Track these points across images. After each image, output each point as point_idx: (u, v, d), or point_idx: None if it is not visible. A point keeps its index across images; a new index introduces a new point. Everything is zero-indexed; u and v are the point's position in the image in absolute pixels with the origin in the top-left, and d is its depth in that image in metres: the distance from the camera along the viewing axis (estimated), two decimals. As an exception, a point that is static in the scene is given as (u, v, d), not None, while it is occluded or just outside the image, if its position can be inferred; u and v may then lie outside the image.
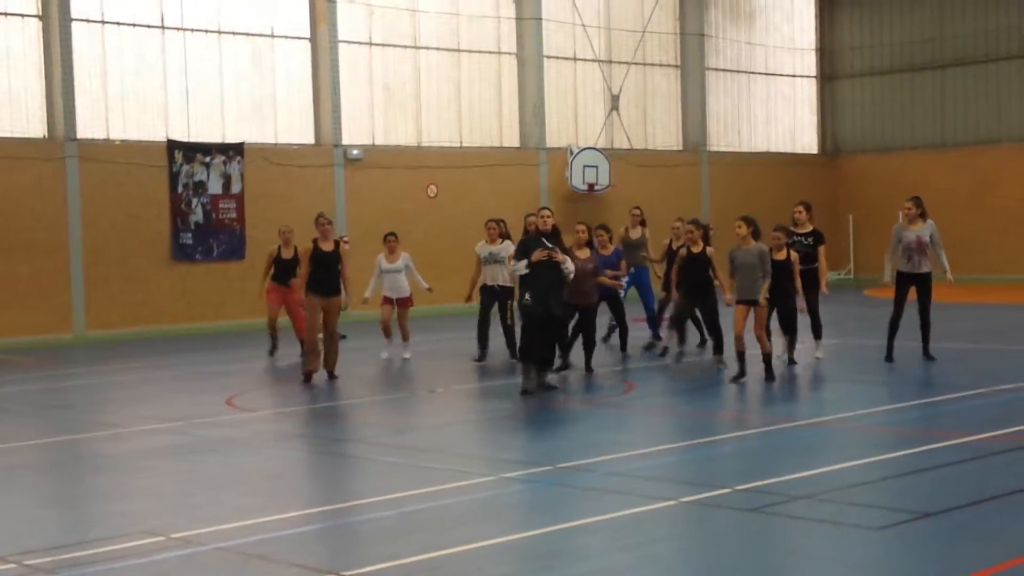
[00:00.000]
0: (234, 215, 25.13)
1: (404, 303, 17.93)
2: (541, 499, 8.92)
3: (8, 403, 14.78)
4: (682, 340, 16.65)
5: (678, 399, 13.67)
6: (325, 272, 15.54)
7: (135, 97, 24.84)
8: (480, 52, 29.94)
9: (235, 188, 25.37)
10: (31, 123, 23.63)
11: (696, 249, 15.69)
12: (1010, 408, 12.25)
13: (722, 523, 8.05)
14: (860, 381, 14.24)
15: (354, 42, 27.75)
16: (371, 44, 28.14)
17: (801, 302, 15.38)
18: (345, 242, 17.21)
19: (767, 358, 14.33)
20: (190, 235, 24.70)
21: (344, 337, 17.47)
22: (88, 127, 24.10)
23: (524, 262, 13.73)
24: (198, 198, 24.94)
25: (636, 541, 7.63)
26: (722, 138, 35.05)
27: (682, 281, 15.82)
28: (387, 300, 17.83)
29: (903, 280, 15.66)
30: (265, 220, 24.94)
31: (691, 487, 8.95)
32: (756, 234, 14.41)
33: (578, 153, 30.46)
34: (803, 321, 15.51)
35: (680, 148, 33.95)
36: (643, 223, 19.21)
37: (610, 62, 32.57)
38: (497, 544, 7.61)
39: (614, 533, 7.87)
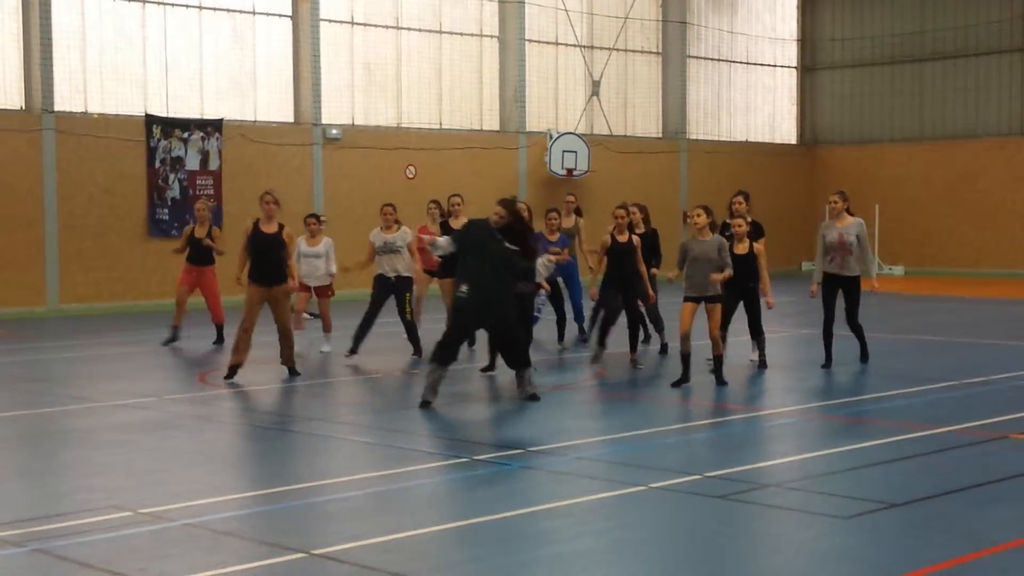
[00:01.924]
0: (211, 192, 25.02)
1: (323, 292, 16.57)
2: (510, 482, 8.93)
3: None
4: (603, 344, 14.93)
5: (649, 386, 13.69)
6: (264, 258, 13.82)
7: (114, 70, 24.70)
8: (462, 34, 29.88)
9: (213, 164, 25.27)
10: (8, 95, 23.47)
11: (622, 237, 14.39)
12: (980, 401, 12.33)
13: (691, 509, 8.08)
14: (831, 372, 14.29)
15: (335, 21, 27.66)
16: (353, 23, 28.04)
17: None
18: (322, 221, 17.08)
19: (718, 360, 13.28)
20: (167, 211, 24.61)
21: (316, 316, 17.35)
22: (66, 100, 23.96)
23: (445, 240, 12.59)
24: (175, 174, 24.83)
25: (605, 526, 7.65)
26: (702, 126, 35.10)
27: (606, 274, 14.51)
28: (303, 287, 16.11)
29: (829, 282, 14.38)
30: (243, 197, 24.85)
31: (661, 473, 8.98)
32: (715, 225, 13.41)
33: (558, 138, 30.46)
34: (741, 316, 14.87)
35: (660, 135, 33.99)
36: (578, 211, 18.10)
37: (592, 47, 32.56)
38: (466, 526, 7.62)
39: (583, 517, 7.89)
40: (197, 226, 17.65)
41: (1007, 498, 8.30)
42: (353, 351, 15.53)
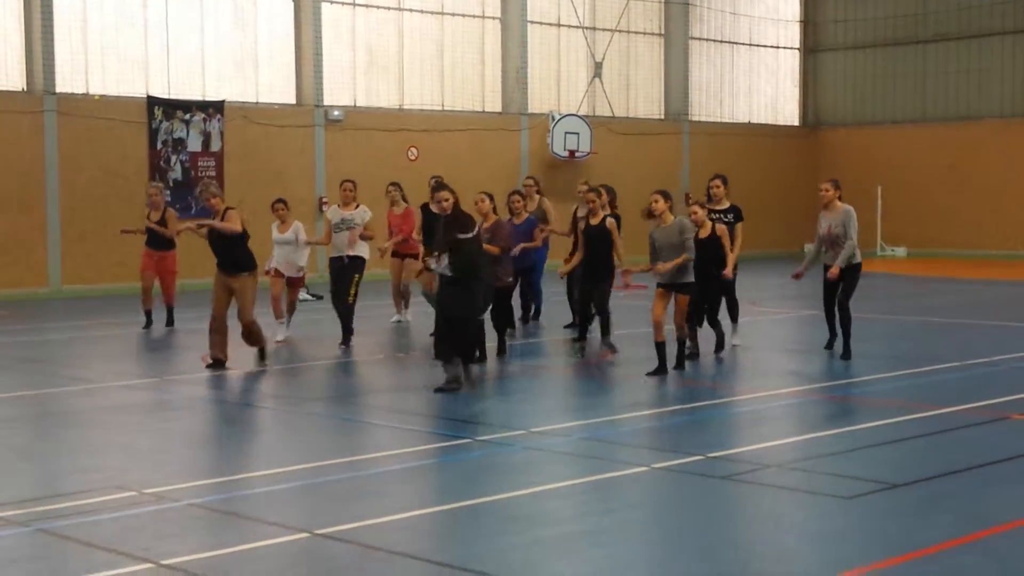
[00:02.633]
0: (213, 173, 25.00)
1: (294, 283, 15.92)
2: (514, 462, 8.95)
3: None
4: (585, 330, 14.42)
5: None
6: (218, 245, 13.28)
7: (115, 52, 24.65)
8: (464, 16, 29.80)
9: (214, 146, 25.24)
10: (10, 76, 23.43)
11: (595, 220, 13.80)
12: (983, 381, 12.34)
13: (693, 489, 8.09)
14: (833, 354, 14.29)
15: (337, 2, 27.59)
16: (355, 5, 27.97)
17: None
18: (324, 203, 17.05)
19: (682, 344, 12.99)
20: (168, 192, 24.57)
21: (320, 298, 17.36)
22: (67, 81, 23.91)
23: (444, 262, 11.84)
24: (177, 155, 24.80)
25: (607, 506, 7.67)
26: (704, 108, 35.02)
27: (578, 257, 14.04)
28: (277, 274, 15.65)
29: (825, 271, 13.78)
30: (244, 179, 24.86)
31: (663, 454, 8.99)
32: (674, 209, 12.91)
33: (560, 119, 30.40)
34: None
35: (661, 117, 33.93)
36: (540, 193, 17.16)
37: (594, 29, 32.48)
38: (468, 506, 7.63)
39: (586, 497, 7.91)
40: (151, 211, 17.41)
41: (1009, 478, 8.31)
42: (345, 342, 14.94)
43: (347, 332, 14.93)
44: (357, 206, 15.13)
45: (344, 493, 8.05)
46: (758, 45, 36.43)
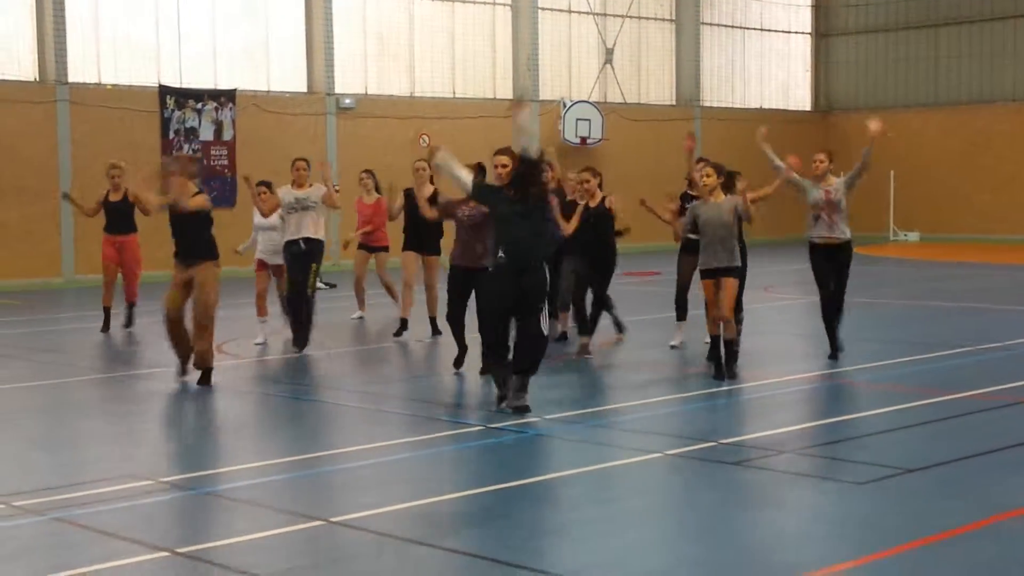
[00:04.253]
0: (225, 162, 25.06)
1: (281, 272, 14.33)
2: (525, 450, 8.97)
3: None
4: (587, 322, 13.37)
5: (665, 354, 13.68)
6: (180, 228, 11.86)
7: (127, 41, 24.70)
8: (474, 3, 29.78)
9: (227, 135, 25.28)
10: (22, 66, 23.49)
11: (594, 202, 12.97)
12: (996, 366, 12.32)
13: (706, 476, 8.10)
14: (845, 338, 14.28)
15: (348, -10, 27.61)
16: (365, -8, 27.99)
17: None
18: (336, 191, 16.58)
19: (729, 346, 11.47)
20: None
21: (334, 286, 17.31)
22: (79, 71, 23.97)
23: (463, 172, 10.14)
24: (189, 144, 24.85)
25: (619, 492, 7.69)
26: (715, 94, 34.96)
27: (573, 246, 12.86)
28: (261, 265, 14.45)
29: (817, 253, 12.65)
30: (257, 168, 24.76)
31: (675, 440, 9.00)
32: (729, 185, 11.68)
33: (571, 106, 30.38)
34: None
35: (673, 103, 33.88)
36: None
37: (605, 15, 32.43)
38: (480, 494, 7.66)
39: (598, 484, 7.93)
40: (111, 191, 15.87)
41: (1022, 464, 8.30)
42: (300, 344, 13.64)
43: (305, 328, 13.58)
44: (311, 186, 13.80)
45: (358, 481, 8.09)
46: (769, 30, 36.34)
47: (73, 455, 9.07)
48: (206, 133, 25.06)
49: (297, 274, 13.59)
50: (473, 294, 11.51)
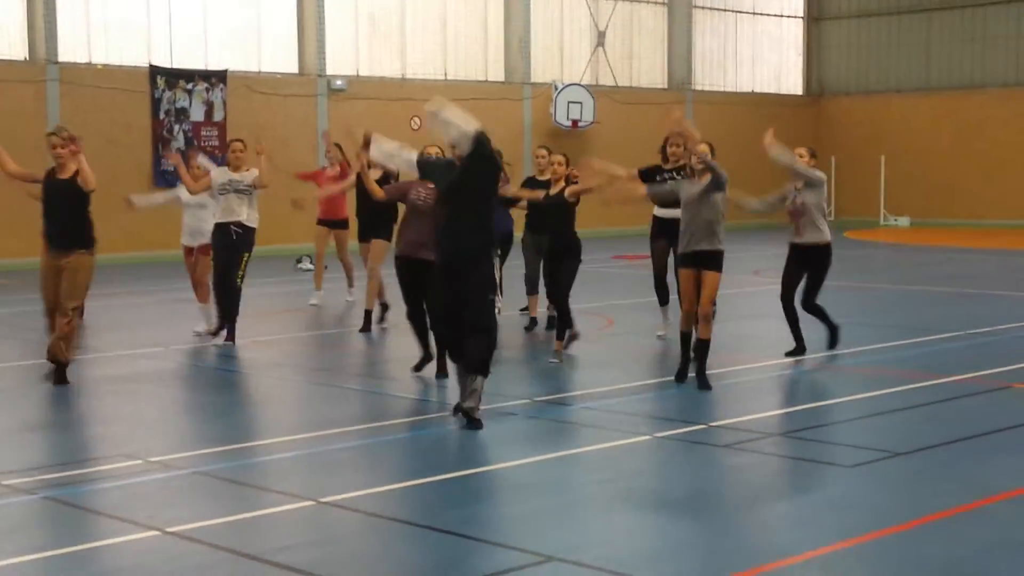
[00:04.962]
0: (216, 143, 24.98)
1: (207, 250, 13.27)
2: (518, 432, 8.98)
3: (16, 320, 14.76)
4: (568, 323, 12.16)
5: (653, 338, 13.68)
6: (53, 209, 10.69)
7: (118, 21, 24.60)
8: (467, -16, 29.71)
9: (217, 116, 25.21)
10: (12, 46, 23.39)
11: (555, 189, 12.04)
12: (985, 351, 12.36)
13: (696, 458, 8.12)
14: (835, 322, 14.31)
15: (339, -29, 27.51)
16: (357, -27, 27.89)
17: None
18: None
19: (703, 348, 10.32)
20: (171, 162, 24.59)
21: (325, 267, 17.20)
22: (70, 51, 23.87)
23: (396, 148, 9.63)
24: (180, 125, 24.79)
25: (610, 475, 7.70)
26: (707, 77, 34.94)
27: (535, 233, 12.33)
28: (187, 251, 13.50)
29: (793, 252, 11.85)
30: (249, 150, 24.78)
31: (665, 423, 9.02)
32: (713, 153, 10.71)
33: (563, 89, 30.34)
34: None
35: (665, 86, 33.84)
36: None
37: (597, -3, 32.36)
38: (473, 475, 7.67)
39: (589, 466, 7.95)
40: (57, 169, 13.64)
41: (1011, 447, 8.34)
42: (222, 330, 12.83)
43: (231, 318, 12.75)
44: (248, 169, 12.84)
45: (347, 462, 8.10)
46: (762, 14, 36.31)
47: (64, 434, 9.07)
48: (197, 114, 25.00)
49: (225, 262, 12.65)
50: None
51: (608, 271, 17.90)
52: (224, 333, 12.87)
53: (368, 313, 14.01)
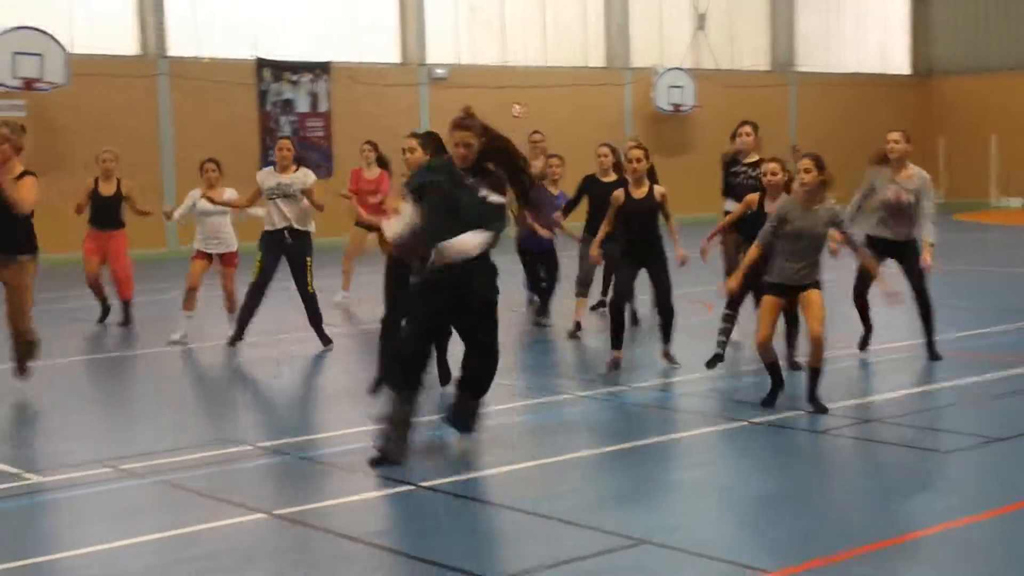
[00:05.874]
0: (321, 133, 25.41)
1: (229, 260, 13.15)
2: (612, 417, 9.09)
3: (81, 314, 15.10)
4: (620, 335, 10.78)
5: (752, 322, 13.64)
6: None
7: (224, 15, 25.12)
8: (566, -30, 29.76)
9: (322, 107, 25.63)
10: (125, 41, 24.03)
11: (638, 192, 10.64)
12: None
13: (792, 444, 8.17)
14: (941, 306, 14.14)
15: (440, -40, 27.74)
16: (457, -38, 28.10)
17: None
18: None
19: (816, 376, 8.92)
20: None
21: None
22: (179, 45, 24.45)
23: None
24: (286, 116, 25.25)
25: (703, 460, 7.80)
26: (810, 58, 34.53)
27: (614, 237, 10.79)
28: (201, 255, 13.06)
29: (876, 247, 10.92)
30: (352, 139, 25.09)
31: (761, 409, 9.04)
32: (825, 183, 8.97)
33: (663, 73, 30.25)
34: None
35: (768, 69, 33.55)
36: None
37: (697, -20, 32.20)
38: (558, 461, 7.79)
39: (683, 451, 8.04)
40: (101, 180, 14.16)
41: (1113, 433, 8.24)
42: (237, 338, 12.20)
43: (317, 324, 12.19)
44: (296, 169, 12.17)
45: (441, 448, 8.24)
46: (866, -9, 35.81)
47: (168, 422, 9.35)
48: (302, 105, 25.44)
49: (273, 269, 12.10)
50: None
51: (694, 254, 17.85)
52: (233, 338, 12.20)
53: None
